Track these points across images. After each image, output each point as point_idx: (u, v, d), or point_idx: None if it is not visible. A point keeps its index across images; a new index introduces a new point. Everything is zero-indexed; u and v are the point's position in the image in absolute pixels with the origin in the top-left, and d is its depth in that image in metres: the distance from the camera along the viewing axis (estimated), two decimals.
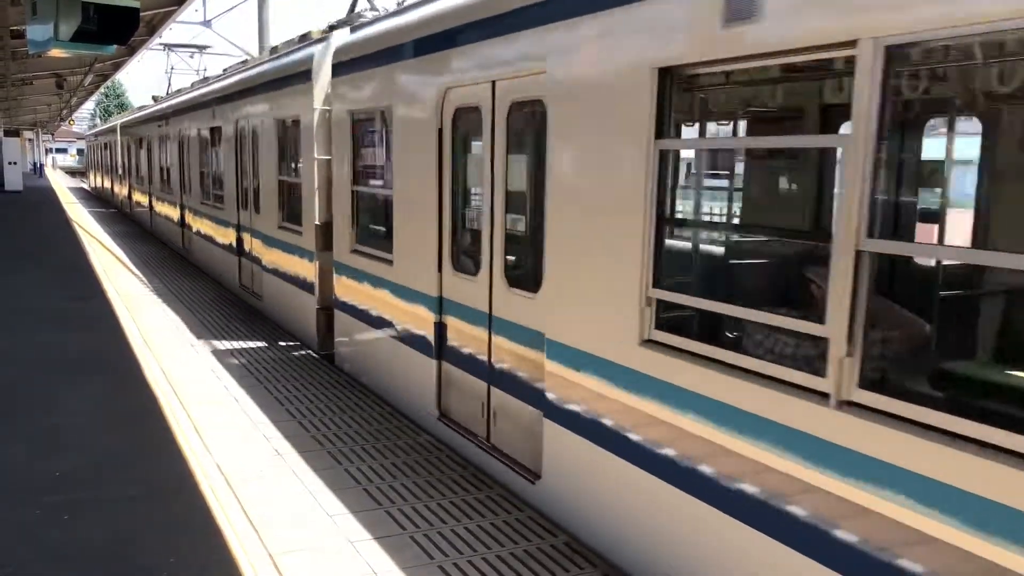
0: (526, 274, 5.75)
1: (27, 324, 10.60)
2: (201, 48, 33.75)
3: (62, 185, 50.48)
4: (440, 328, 6.58)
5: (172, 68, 35.66)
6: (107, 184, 38.59)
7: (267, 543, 4.89)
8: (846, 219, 3.14)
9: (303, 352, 9.67)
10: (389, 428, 7.01)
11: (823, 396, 3.28)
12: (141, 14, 9.01)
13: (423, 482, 5.88)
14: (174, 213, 19.09)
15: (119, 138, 30.19)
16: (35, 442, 6.48)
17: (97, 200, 40.54)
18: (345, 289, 8.62)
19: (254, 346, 9.92)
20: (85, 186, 56.16)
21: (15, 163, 39.22)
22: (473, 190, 6.36)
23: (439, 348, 6.61)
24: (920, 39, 2.94)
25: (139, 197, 25.37)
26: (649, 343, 4.27)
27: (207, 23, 25.86)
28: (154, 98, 27.50)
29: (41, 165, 66.43)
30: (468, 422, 6.36)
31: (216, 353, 9.44)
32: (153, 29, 17.94)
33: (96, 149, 45.60)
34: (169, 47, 33.17)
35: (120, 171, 30.90)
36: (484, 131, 5.85)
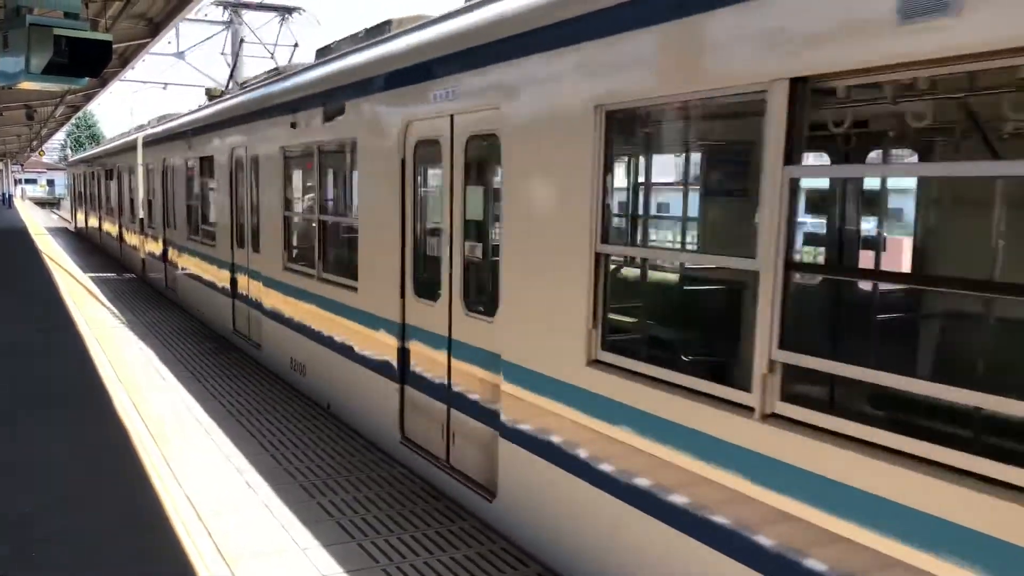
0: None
1: None
2: (287, 10, 20.67)
3: (34, 220, 43.52)
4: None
5: (242, 41, 20.48)
6: (108, 228, 26.82)
7: None
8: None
9: (279, 385, 9.62)
10: (363, 461, 6.99)
11: None
12: (113, 46, 9.01)
13: (396, 514, 5.86)
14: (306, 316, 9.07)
15: (139, 162, 19.80)
16: (3, 476, 6.39)
17: (90, 247, 30.11)
18: None
19: (226, 378, 9.85)
20: (64, 222, 48.26)
21: None
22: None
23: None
24: None
25: (190, 264, 14.80)
26: None
27: (180, 55, 25.87)
28: (211, 94, 16.18)
29: (10, 196, 65.79)
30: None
31: (188, 386, 9.36)
32: (125, 61, 17.95)
33: (86, 179, 33.49)
34: (233, 7, 21.44)
35: (143, 214, 19.66)
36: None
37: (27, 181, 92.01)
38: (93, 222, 31.92)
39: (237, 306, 11.80)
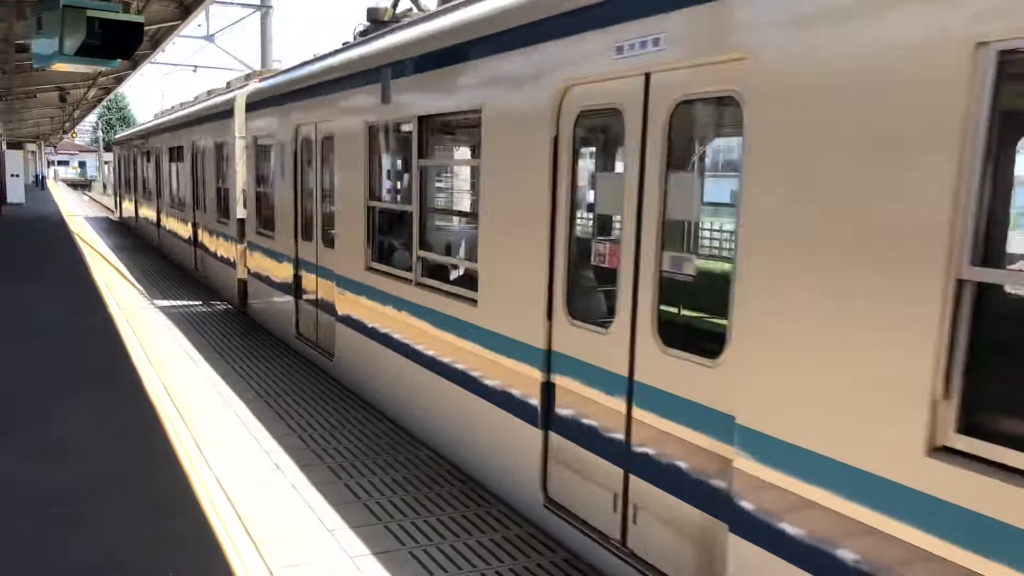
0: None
1: (28, 336, 10.61)
2: None
3: (69, 205, 41.27)
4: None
5: None
6: (174, 227, 19.44)
7: (267, 558, 4.89)
8: None
9: (304, 365, 9.66)
10: (389, 443, 7.01)
11: None
12: (145, 28, 9.07)
13: (423, 497, 5.87)
14: None
15: (236, 135, 12.96)
16: (36, 455, 6.48)
17: (142, 246, 23.66)
18: None
19: (253, 359, 9.91)
20: (100, 207, 45.35)
21: (17, 175, 39.44)
22: None
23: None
24: None
25: (384, 322, 7.75)
26: None
27: (210, 38, 25.98)
28: (377, 16, 9.16)
29: (43, 177, 66.72)
30: None
31: (216, 366, 9.44)
32: (156, 43, 18.04)
33: (138, 161, 25.79)
34: None
35: (243, 212, 12.84)
36: None
37: (59, 163, 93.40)
38: (147, 214, 24.29)
39: (577, 459, 5.10)
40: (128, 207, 29.94)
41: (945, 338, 2.94)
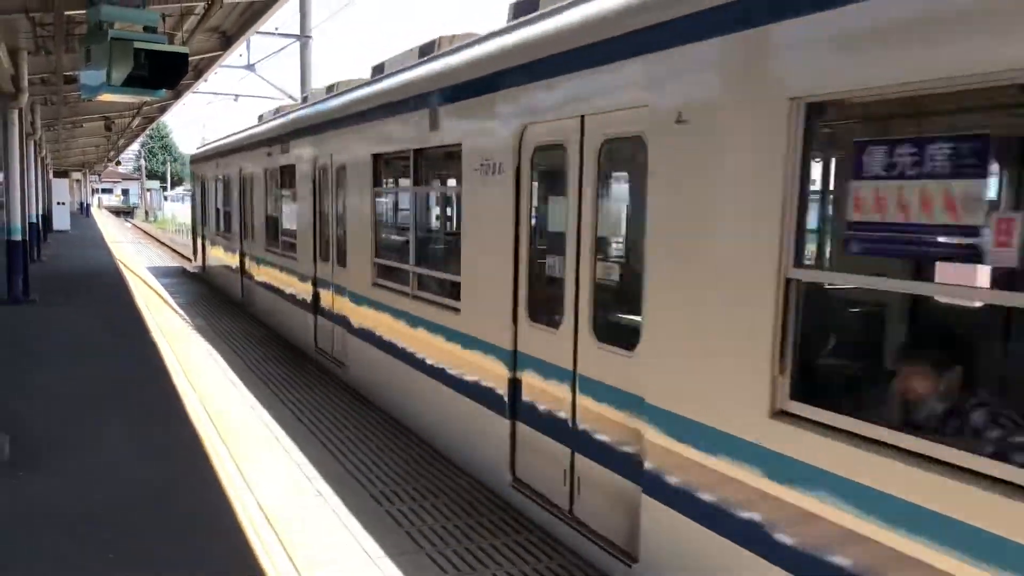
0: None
1: (71, 358, 10.78)
2: None
3: (120, 245, 33.16)
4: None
5: None
6: (397, 335, 8.27)
7: None
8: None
9: (346, 393, 9.69)
10: (431, 469, 6.98)
11: None
12: (189, 59, 9.24)
13: (463, 525, 5.83)
14: None
15: None
16: (79, 477, 6.54)
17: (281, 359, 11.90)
18: None
19: (294, 387, 9.96)
20: (150, 239, 42.41)
21: (63, 203, 40.32)
22: None
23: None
24: None
25: None
26: None
27: (251, 67, 26.44)
28: None
29: (88, 205, 68.18)
30: None
31: (257, 391, 9.49)
32: (199, 73, 18.45)
33: (262, 186, 14.23)
34: None
35: None
36: None
37: (103, 191, 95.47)
38: (271, 278, 13.95)
39: None
40: (220, 257, 18.90)
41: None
